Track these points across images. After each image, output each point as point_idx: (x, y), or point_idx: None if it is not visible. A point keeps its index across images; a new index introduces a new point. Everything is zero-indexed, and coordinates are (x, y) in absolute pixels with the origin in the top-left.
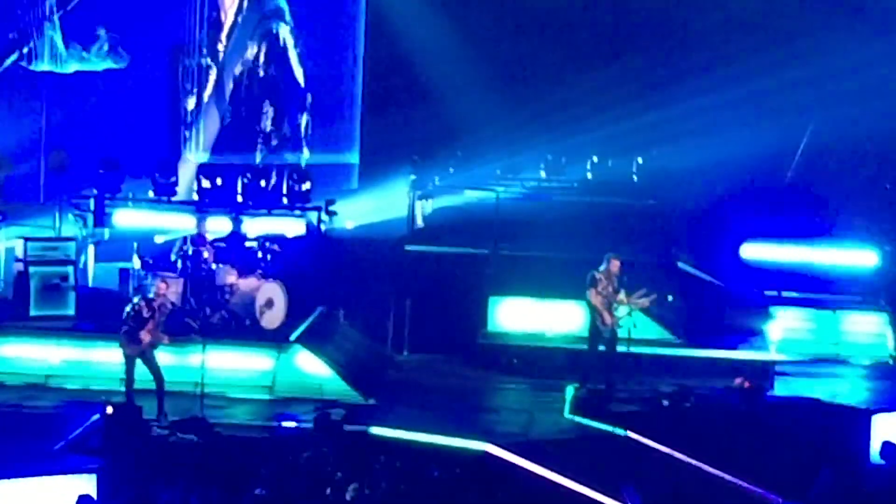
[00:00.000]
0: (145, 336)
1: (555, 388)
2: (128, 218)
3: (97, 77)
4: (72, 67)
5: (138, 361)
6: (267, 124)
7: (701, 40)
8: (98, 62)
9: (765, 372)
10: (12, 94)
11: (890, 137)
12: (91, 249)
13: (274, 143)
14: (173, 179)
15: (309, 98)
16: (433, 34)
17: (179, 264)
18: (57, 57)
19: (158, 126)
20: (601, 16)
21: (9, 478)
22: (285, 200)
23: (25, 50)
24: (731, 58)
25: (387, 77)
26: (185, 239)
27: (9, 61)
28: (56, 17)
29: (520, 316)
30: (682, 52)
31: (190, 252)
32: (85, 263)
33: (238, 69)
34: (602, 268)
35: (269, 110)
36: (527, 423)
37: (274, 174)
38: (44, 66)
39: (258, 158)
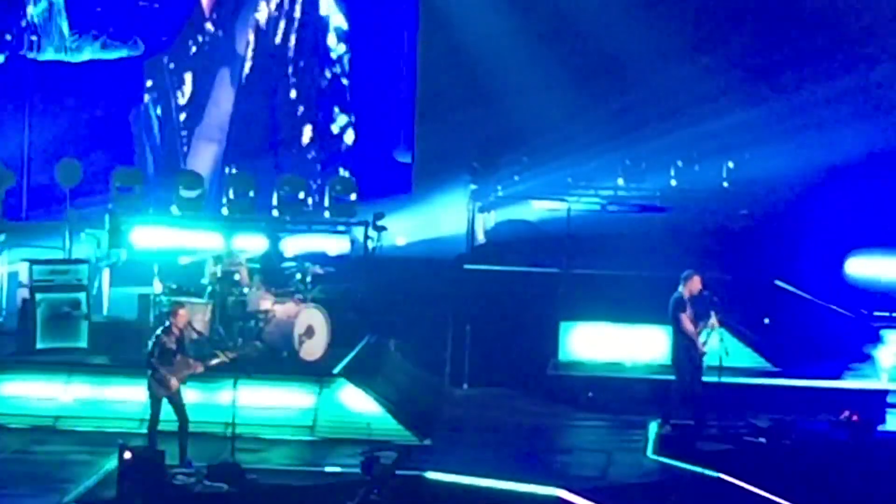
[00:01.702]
0: (178, 370)
1: (636, 425)
2: (148, 237)
3: (110, 76)
4: (85, 55)
5: (165, 400)
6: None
7: (802, 24)
8: (113, 50)
9: (875, 403)
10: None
11: None
12: (106, 273)
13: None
14: (200, 192)
15: (344, 80)
16: (494, 26)
17: (208, 288)
18: (65, 46)
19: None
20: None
21: None
22: (327, 214)
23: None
24: (839, 44)
25: (443, 74)
26: (213, 259)
27: None
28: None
29: (595, 343)
30: (779, 40)
31: (219, 274)
32: (99, 289)
33: (248, 42)
34: (681, 287)
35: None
36: (604, 464)
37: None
38: (49, 55)
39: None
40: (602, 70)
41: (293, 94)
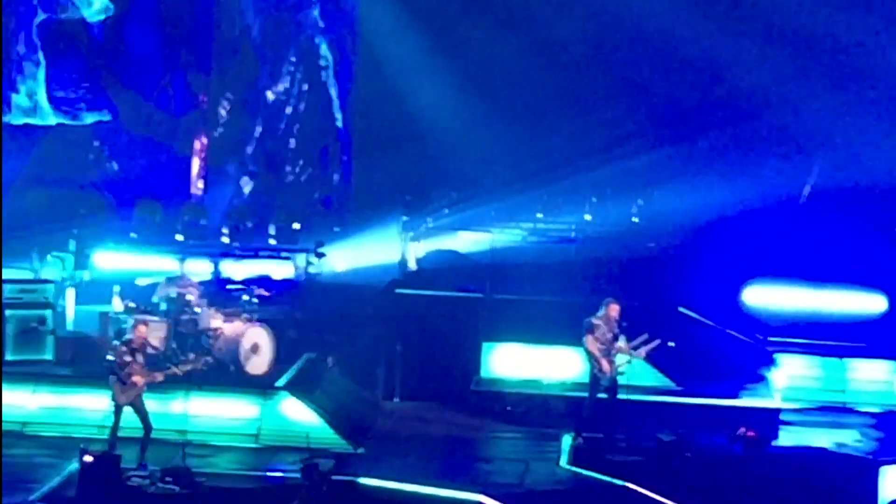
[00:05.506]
0: (138, 380)
1: (551, 438)
2: (109, 260)
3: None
4: (52, 120)
5: (126, 408)
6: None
7: (706, 78)
8: (86, 116)
9: (769, 420)
10: None
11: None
12: (70, 292)
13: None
14: (157, 220)
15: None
16: (426, 70)
17: (163, 307)
18: (37, 110)
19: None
20: (603, 52)
21: None
22: (273, 241)
23: None
24: (736, 95)
25: (376, 114)
26: (168, 281)
27: None
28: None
29: (515, 362)
30: (684, 91)
31: (173, 294)
32: (64, 307)
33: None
34: (600, 313)
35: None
36: (522, 473)
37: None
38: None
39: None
40: (526, 113)
41: None
